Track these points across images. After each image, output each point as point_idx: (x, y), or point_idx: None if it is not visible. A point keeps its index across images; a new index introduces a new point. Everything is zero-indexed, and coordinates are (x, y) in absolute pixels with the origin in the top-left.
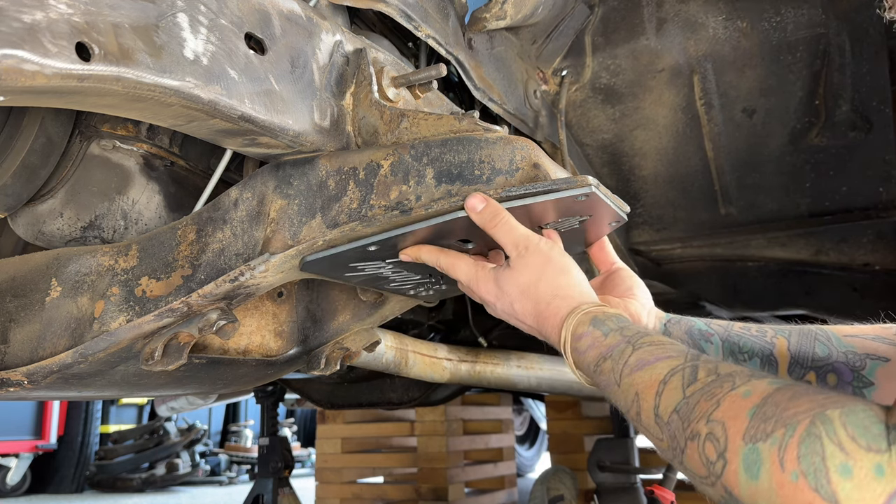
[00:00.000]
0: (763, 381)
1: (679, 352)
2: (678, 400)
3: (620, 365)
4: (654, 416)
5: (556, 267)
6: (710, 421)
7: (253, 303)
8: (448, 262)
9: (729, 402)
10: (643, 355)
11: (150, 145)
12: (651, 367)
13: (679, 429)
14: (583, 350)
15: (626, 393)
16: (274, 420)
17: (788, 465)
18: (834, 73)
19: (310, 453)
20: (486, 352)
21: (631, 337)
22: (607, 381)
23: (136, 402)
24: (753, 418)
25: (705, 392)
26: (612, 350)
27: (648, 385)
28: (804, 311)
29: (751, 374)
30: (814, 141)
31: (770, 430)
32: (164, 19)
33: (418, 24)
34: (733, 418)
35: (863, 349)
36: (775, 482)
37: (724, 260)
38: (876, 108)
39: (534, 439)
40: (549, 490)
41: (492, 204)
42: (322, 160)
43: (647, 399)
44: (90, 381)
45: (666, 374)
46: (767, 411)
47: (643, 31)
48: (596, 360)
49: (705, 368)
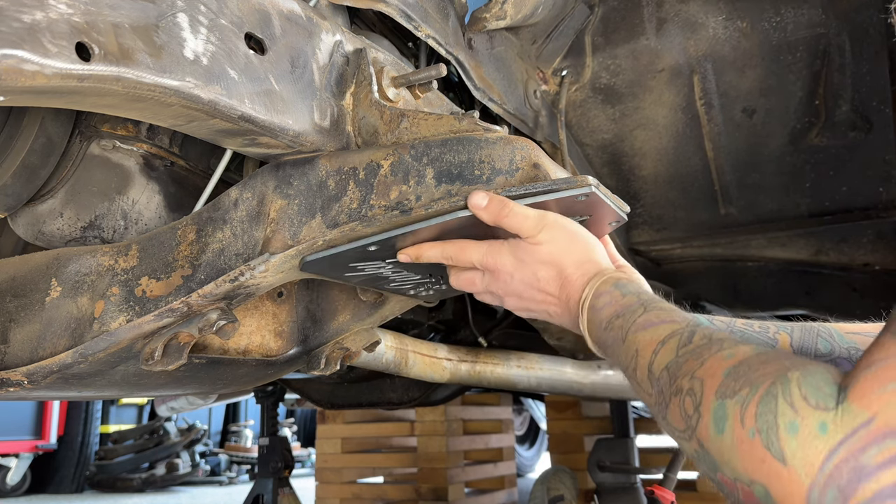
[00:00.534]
0: (748, 347)
1: (684, 318)
2: (671, 359)
3: (630, 323)
4: (648, 372)
5: (584, 238)
6: (693, 378)
7: (253, 303)
8: (455, 249)
9: (711, 361)
10: (650, 317)
11: (150, 145)
12: (655, 328)
13: (666, 384)
14: (600, 307)
15: (628, 349)
16: (274, 420)
17: (747, 423)
18: (834, 73)
19: (310, 453)
20: (486, 352)
21: (646, 301)
22: (615, 337)
23: (136, 402)
24: (727, 377)
25: (694, 353)
26: (626, 309)
27: (648, 343)
28: (804, 311)
29: (739, 340)
30: (814, 141)
31: (738, 389)
32: (164, 19)
33: (418, 24)
34: (711, 376)
35: (864, 346)
36: (736, 438)
37: (724, 260)
38: (876, 108)
39: (534, 439)
40: (549, 490)
41: (495, 197)
42: (322, 160)
43: (645, 356)
44: (90, 381)
45: (666, 335)
46: (740, 370)
47: (643, 31)
48: (609, 317)
49: (701, 333)
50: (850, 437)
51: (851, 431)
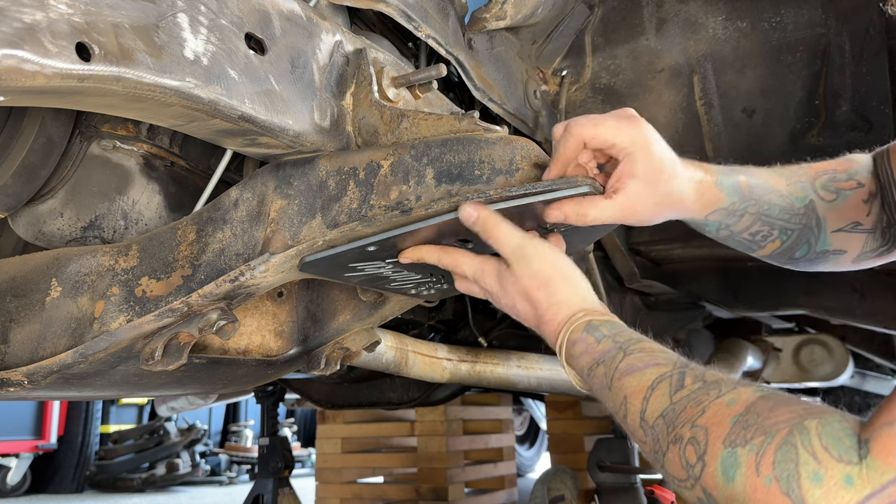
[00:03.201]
0: (748, 390)
1: (668, 359)
2: (665, 406)
3: (612, 370)
4: (640, 420)
5: (556, 273)
6: (695, 426)
7: (253, 303)
8: (451, 260)
9: (714, 409)
10: (633, 361)
11: (150, 145)
12: (640, 372)
13: (663, 433)
14: (577, 355)
15: (615, 396)
16: (274, 420)
17: (764, 470)
18: (834, 73)
19: (310, 453)
20: (486, 352)
21: (623, 343)
22: (600, 384)
23: (136, 402)
24: (735, 425)
25: (692, 399)
26: (605, 355)
27: (637, 390)
28: (804, 310)
29: (736, 382)
30: (814, 141)
31: (750, 437)
32: (164, 19)
33: (418, 25)
34: (716, 424)
35: (841, 245)
36: (749, 485)
37: (725, 260)
38: (876, 108)
39: (534, 439)
40: (549, 490)
41: (484, 213)
42: (322, 160)
43: (635, 403)
44: (90, 381)
45: (654, 380)
46: (749, 419)
47: (643, 31)
48: (589, 364)
49: (692, 376)
50: (880, 492)
51: (881, 487)
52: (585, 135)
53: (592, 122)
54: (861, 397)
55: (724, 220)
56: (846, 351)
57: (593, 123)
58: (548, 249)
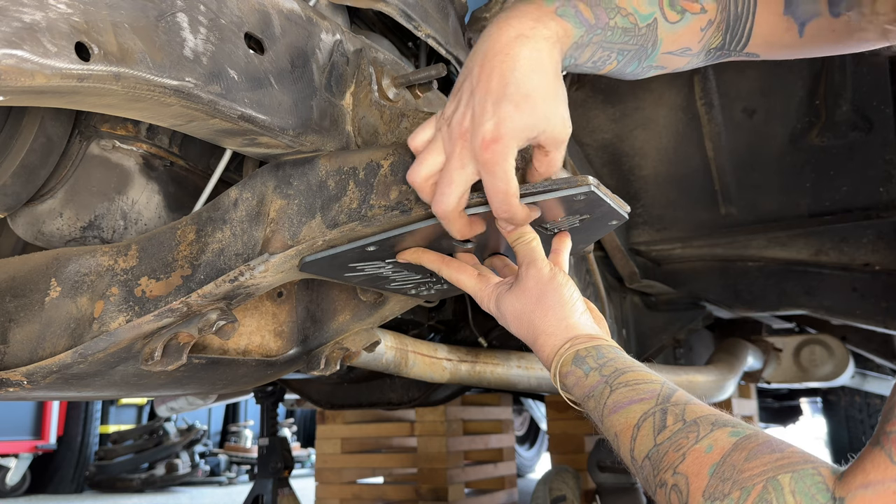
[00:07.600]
0: (724, 433)
1: (651, 392)
2: (650, 447)
3: (601, 406)
4: (631, 458)
5: (550, 300)
6: (676, 473)
7: (253, 303)
8: (451, 271)
9: (692, 457)
10: (618, 398)
11: (149, 145)
12: (625, 410)
13: (650, 474)
14: (570, 386)
15: (607, 431)
16: (274, 420)
17: None
18: (834, 72)
19: (310, 453)
20: (486, 352)
21: (608, 377)
22: (594, 416)
23: (136, 403)
24: (713, 477)
25: (673, 442)
26: (593, 390)
27: (624, 428)
28: (804, 310)
29: (713, 422)
30: (814, 141)
31: (727, 491)
32: (163, 19)
33: (418, 24)
34: (695, 475)
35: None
36: None
37: (725, 260)
38: (876, 108)
39: (534, 439)
40: (551, 490)
41: (527, 226)
42: (322, 160)
43: (624, 442)
44: (90, 382)
45: (639, 418)
46: (725, 472)
47: None
48: (581, 397)
49: (673, 414)
50: None
51: None
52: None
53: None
54: (861, 397)
55: (570, 53)
56: (847, 351)
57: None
58: (550, 273)
